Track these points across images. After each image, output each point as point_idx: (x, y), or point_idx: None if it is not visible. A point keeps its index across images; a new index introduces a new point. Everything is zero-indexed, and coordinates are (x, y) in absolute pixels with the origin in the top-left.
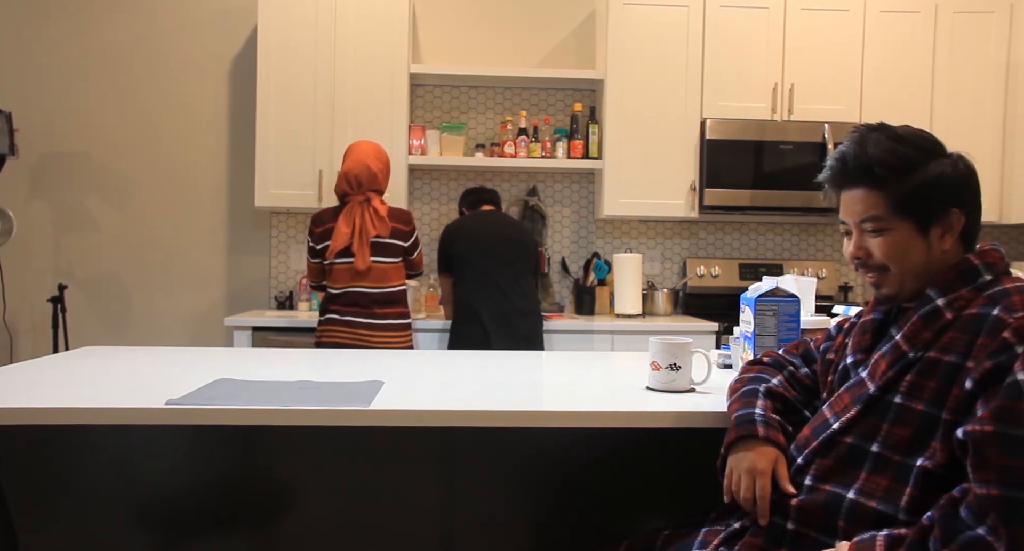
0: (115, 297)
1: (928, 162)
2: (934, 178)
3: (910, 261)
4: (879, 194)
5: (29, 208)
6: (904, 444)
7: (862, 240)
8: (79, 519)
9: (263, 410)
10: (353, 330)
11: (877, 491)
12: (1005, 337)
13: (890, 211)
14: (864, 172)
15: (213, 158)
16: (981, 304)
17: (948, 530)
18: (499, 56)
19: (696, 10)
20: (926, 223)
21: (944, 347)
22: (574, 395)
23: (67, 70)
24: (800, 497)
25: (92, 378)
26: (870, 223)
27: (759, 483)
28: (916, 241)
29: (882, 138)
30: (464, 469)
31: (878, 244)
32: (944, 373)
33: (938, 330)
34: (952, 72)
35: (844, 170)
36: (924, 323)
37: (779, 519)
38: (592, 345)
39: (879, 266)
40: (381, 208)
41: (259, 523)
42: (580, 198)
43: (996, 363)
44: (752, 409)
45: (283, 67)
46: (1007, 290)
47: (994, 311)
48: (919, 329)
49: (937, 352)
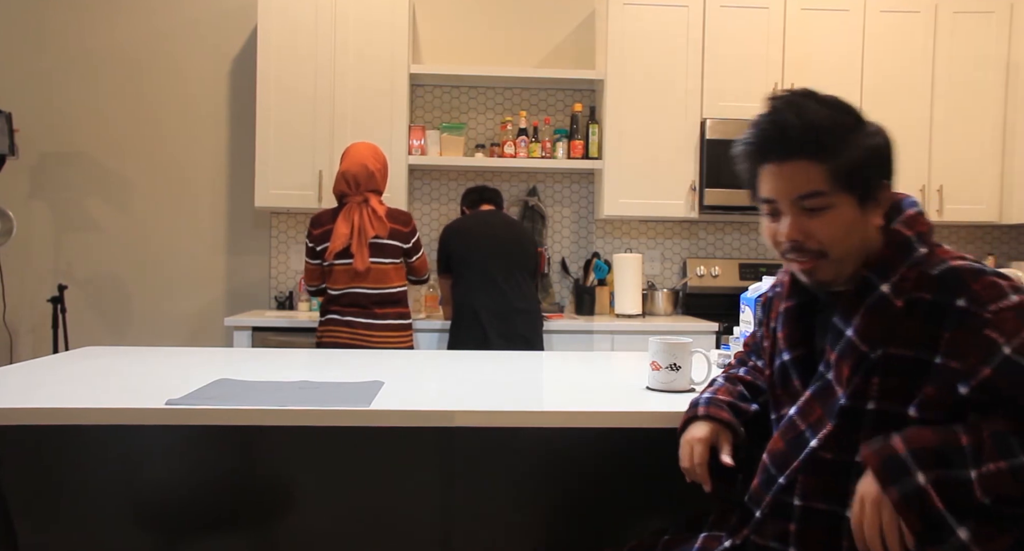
0: (115, 297)
1: (862, 130)
2: (872, 147)
3: (851, 242)
4: (821, 166)
5: (29, 208)
6: None
7: (799, 221)
8: (79, 519)
9: (263, 410)
10: (353, 330)
11: None
12: (989, 336)
13: (833, 185)
14: (809, 140)
15: (213, 158)
16: (932, 289)
17: (1001, 447)
18: (499, 56)
19: (696, 10)
20: (866, 198)
21: (904, 342)
22: (574, 395)
23: (67, 70)
24: (794, 523)
25: (92, 378)
26: (811, 200)
27: (696, 450)
28: (857, 220)
29: (817, 105)
30: (464, 469)
31: (818, 225)
32: (911, 370)
33: (891, 321)
34: (952, 72)
35: (783, 137)
36: (875, 316)
37: (779, 545)
38: (592, 345)
39: (817, 251)
40: (379, 208)
41: (259, 523)
42: (580, 198)
43: (994, 368)
44: (701, 395)
45: (283, 67)
46: (957, 273)
47: (957, 302)
48: (872, 324)
49: (898, 348)
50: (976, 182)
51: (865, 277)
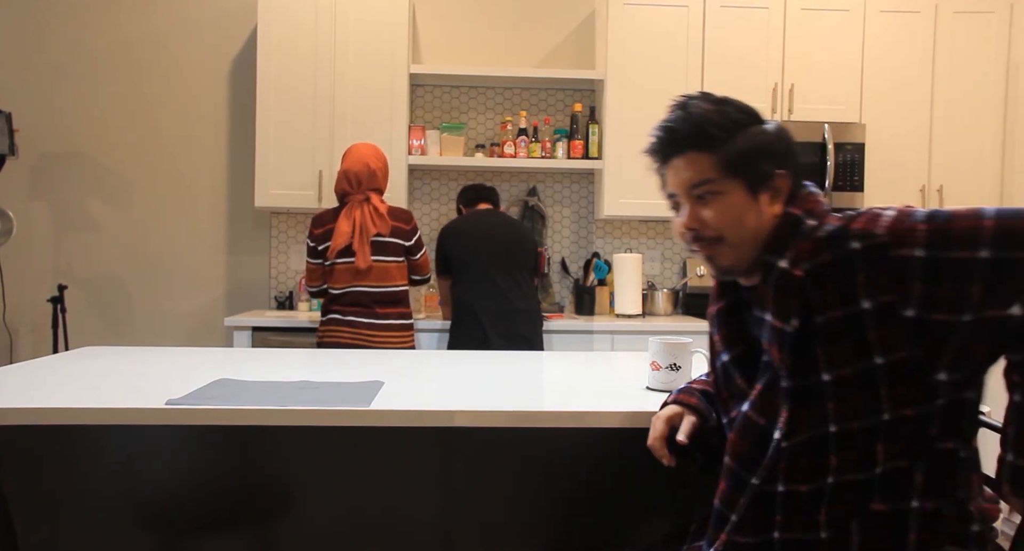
0: (115, 297)
1: (752, 124)
2: (760, 137)
3: (744, 227)
4: (709, 156)
5: (29, 208)
6: (857, 410)
7: (695, 210)
8: (79, 519)
9: (263, 410)
10: (355, 330)
11: (850, 466)
12: (898, 255)
13: (721, 172)
14: (694, 134)
15: (213, 158)
16: (827, 250)
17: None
18: (499, 56)
19: (696, 10)
20: (756, 185)
21: (825, 306)
22: (574, 395)
23: (67, 70)
24: (779, 513)
25: (92, 378)
26: (702, 188)
27: (656, 427)
28: (748, 205)
29: (704, 102)
30: (464, 469)
31: (711, 211)
32: (847, 329)
33: (799, 293)
34: (952, 72)
35: (672, 137)
36: (783, 293)
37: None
38: (592, 345)
39: (713, 237)
40: (381, 206)
41: (259, 523)
42: (580, 198)
43: (921, 278)
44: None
45: (283, 67)
46: (840, 226)
47: (852, 246)
48: (782, 300)
49: (822, 315)
50: (976, 182)
51: (766, 262)
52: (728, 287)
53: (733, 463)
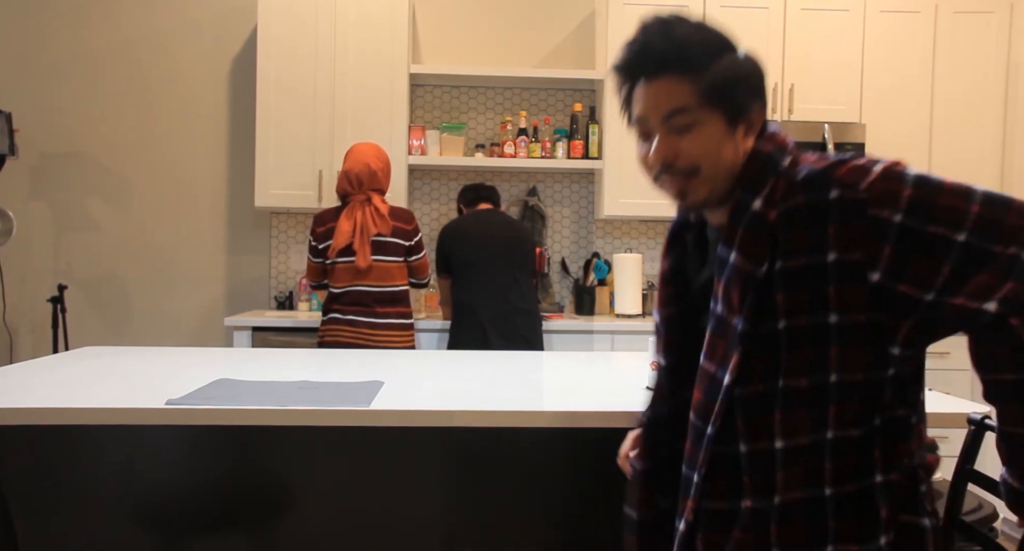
0: (115, 297)
1: (730, 50)
2: (741, 66)
3: (721, 160)
4: (689, 82)
5: (29, 208)
6: (806, 366)
7: (669, 140)
8: (79, 519)
9: (263, 410)
10: (355, 329)
11: (802, 427)
12: (875, 214)
13: (701, 101)
14: (674, 55)
15: (213, 158)
16: (801, 193)
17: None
18: (499, 56)
19: (696, 10)
20: (735, 116)
21: (790, 251)
22: (574, 395)
23: (67, 70)
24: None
25: (92, 378)
26: (679, 117)
27: (624, 443)
28: (726, 137)
29: (684, 22)
30: (464, 469)
31: (688, 142)
32: (808, 279)
33: (769, 235)
34: (952, 72)
35: (649, 55)
36: (753, 235)
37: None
38: (592, 345)
39: (688, 169)
40: (382, 206)
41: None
42: (580, 198)
43: (894, 243)
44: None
45: (283, 67)
46: (820, 170)
47: (830, 195)
48: (751, 242)
49: (790, 260)
50: (976, 182)
51: (737, 201)
52: (674, 242)
53: (694, 417)
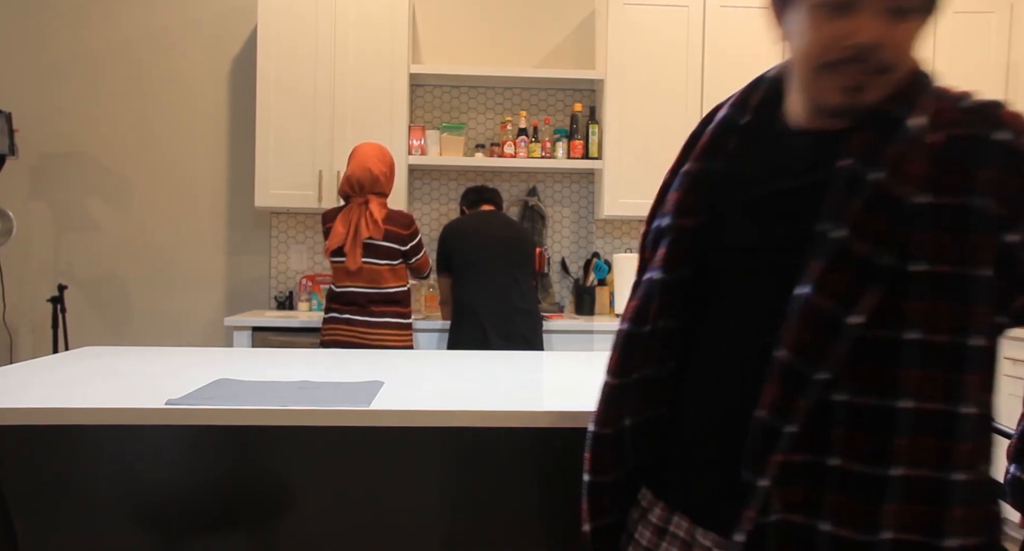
0: (115, 297)
1: None
2: None
3: (910, 63)
4: None
5: (29, 208)
6: (944, 320)
7: (889, 26)
8: (79, 519)
9: (263, 410)
10: (352, 328)
11: (936, 391)
12: None
13: None
14: None
15: (213, 158)
16: (964, 124)
17: None
18: (499, 56)
19: (696, 10)
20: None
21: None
22: (574, 395)
23: (67, 70)
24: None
25: (92, 378)
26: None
27: None
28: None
29: None
30: (464, 469)
31: (904, 32)
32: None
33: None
34: (952, 72)
35: None
36: (908, 155)
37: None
38: (592, 345)
39: (886, 65)
40: (377, 212)
41: (258, 523)
42: (580, 198)
43: None
44: None
45: (283, 67)
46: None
47: (996, 136)
48: (904, 163)
49: (937, 195)
50: None
51: (888, 113)
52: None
53: (792, 355)
